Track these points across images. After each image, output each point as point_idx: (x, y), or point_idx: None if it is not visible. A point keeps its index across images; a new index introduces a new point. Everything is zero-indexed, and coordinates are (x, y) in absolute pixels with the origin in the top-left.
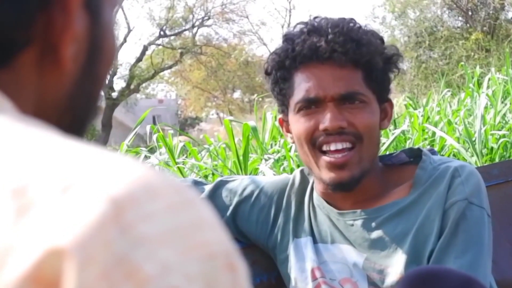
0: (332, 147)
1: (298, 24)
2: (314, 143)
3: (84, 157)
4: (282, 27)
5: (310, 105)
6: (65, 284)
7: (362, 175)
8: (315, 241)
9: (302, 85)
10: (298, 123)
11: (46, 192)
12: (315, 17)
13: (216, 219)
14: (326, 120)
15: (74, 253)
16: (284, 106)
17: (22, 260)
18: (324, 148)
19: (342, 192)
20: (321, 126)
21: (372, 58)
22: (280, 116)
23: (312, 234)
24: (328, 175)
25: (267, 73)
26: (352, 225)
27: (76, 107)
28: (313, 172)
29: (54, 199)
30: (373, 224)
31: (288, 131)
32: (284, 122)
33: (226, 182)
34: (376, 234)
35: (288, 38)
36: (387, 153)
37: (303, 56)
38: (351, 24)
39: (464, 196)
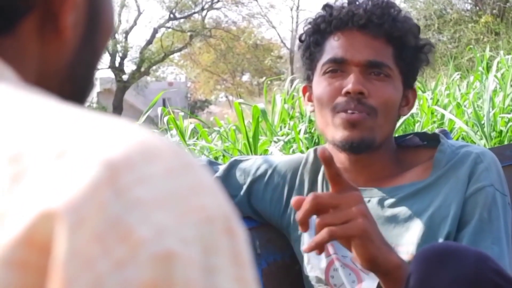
0: (349, 112)
1: None
2: (334, 107)
3: (82, 123)
4: (291, 9)
5: (336, 69)
6: (56, 247)
7: (372, 143)
8: None
9: (332, 48)
10: (322, 86)
11: (41, 158)
12: None
13: (215, 184)
14: (349, 83)
15: (65, 216)
16: (310, 72)
17: (15, 224)
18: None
19: (351, 154)
20: (344, 90)
21: (405, 35)
22: (304, 83)
23: None
24: (341, 133)
25: (301, 40)
26: (369, 201)
27: (76, 76)
28: (327, 136)
29: (49, 164)
30: (389, 203)
31: (310, 100)
32: (308, 89)
33: (240, 161)
34: (390, 212)
35: (327, 5)
36: (396, 135)
37: (339, 20)
38: (392, 5)
39: (490, 182)
